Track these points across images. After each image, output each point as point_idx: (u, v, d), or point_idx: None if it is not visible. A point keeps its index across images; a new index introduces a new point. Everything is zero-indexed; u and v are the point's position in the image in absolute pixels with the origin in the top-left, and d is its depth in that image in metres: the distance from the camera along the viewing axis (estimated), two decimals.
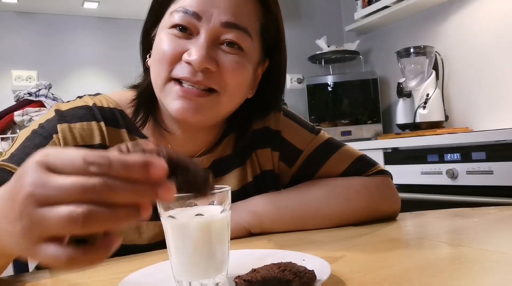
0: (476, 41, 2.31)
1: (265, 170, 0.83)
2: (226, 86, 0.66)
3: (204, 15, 0.65)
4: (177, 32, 0.66)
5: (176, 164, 0.36)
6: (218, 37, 0.66)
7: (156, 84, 0.68)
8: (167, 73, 0.66)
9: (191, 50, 0.64)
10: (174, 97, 0.65)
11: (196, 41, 0.65)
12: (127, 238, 0.70)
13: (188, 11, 0.65)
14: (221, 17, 0.65)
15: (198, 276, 0.44)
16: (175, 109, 0.65)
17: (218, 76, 0.66)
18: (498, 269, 0.47)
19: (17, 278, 0.65)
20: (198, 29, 0.65)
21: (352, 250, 0.59)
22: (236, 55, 0.67)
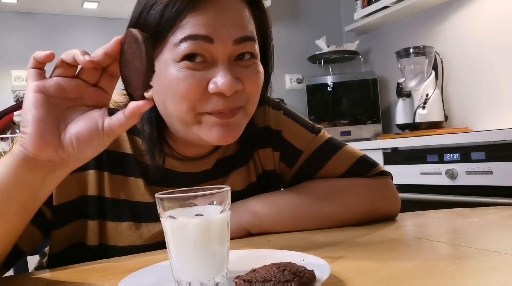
0: (475, 41, 2.31)
1: (267, 170, 0.83)
2: (249, 98, 0.66)
3: (215, 37, 0.60)
4: (191, 64, 0.60)
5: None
6: (232, 55, 0.63)
7: (184, 120, 0.63)
8: (195, 109, 0.62)
9: (214, 79, 0.60)
10: (211, 126, 0.63)
11: (216, 68, 0.61)
12: (127, 238, 0.70)
13: (198, 36, 0.59)
14: (232, 34, 0.61)
15: (198, 276, 0.44)
16: (216, 137, 0.64)
17: (242, 92, 0.64)
18: (497, 269, 0.47)
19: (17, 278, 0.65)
20: (211, 53, 0.61)
21: (352, 250, 0.59)
22: (253, 64, 0.65)
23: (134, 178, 0.71)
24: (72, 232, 0.69)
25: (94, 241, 0.69)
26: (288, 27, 3.04)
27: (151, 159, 0.70)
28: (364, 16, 2.78)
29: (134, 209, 0.71)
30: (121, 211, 0.70)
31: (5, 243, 0.56)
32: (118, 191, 0.70)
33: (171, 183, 0.73)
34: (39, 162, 0.50)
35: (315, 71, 3.04)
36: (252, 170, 0.81)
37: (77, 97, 0.52)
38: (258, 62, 0.67)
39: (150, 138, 0.69)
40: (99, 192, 0.69)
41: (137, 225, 0.71)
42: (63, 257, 0.69)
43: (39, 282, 0.57)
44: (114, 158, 0.70)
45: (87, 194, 0.69)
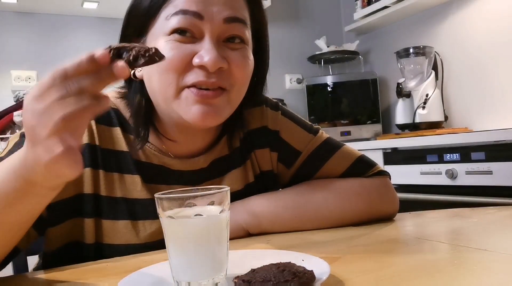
0: (475, 42, 2.31)
1: (264, 170, 0.83)
2: (235, 82, 0.66)
3: (205, 13, 0.63)
4: (180, 37, 0.63)
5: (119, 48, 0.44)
6: (222, 34, 0.65)
7: (165, 95, 0.65)
8: (178, 82, 0.63)
9: (200, 53, 0.62)
10: (190, 103, 0.64)
11: (203, 43, 0.63)
12: (123, 237, 0.70)
13: (188, 11, 0.62)
14: (222, 13, 0.64)
15: (197, 276, 0.44)
16: (193, 115, 0.64)
17: (228, 74, 0.65)
18: (497, 269, 0.47)
19: (17, 278, 0.65)
20: (201, 29, 0.63)
21: (351, 250, 0.59)
22: (242, 49, 0.66)
23: (131, 175, 0.71)
24: (68, 230, 0.69)
25: (91, 240, 0.69)
26: (288, 27, 3.04)
27: (135, 134, 0.70)
28: (364, 16, 2.78)
29: (131, 206, 0.71)
30: (117, 209, 0.70)
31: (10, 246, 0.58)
32: (115, 188, 0.70)
33: (168, 181, 0.73)
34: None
35: (315, 71, 3.04)
36: (249, 170, 0.81)
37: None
38: (249, 49, 0.68)
39: (137, 111, 0.70)
40: (95, 190, 0.69)
41: (134, 224, 0.71)
42: (59, 256, 0.69)
43: (38, 282, 0.57)
44: (109, 156, 0.70)
45: (83, 192, 0.69)
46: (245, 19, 0.67)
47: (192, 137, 0.75)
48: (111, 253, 0.68)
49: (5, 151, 0.66)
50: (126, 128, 0.73)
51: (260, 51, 0.75)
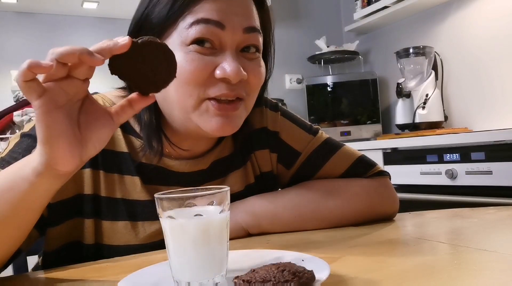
0: (475, 42, 2.31)
1: (264, 171, 0.83)
2: (250, 91, 0.67)
3: (227, 23, 0.62)
4: (200, 48, 0.62)
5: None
6: (240, 44, 0.65)
7: (184, 106, 0.64)
8: (199, 94, 0.63)
9: (222, 65, 0.62)
10: (211, 115, 0.64)
11: (224, 54, 0.63)
12: (122, 238, 0.70)
13: (210, 20, 0.61)
14: (242, 23, 0.63)
15: (197, 276, 0.44)
16: (213, 127, 0.64)
17: (245, 83, 0.65)
18: (497, 270, 0.47)
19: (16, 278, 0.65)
20: (221, 39, 0.63)
21: (351, 250, 0.59)
22: (257, 58, 0.67)
23: (130, 176, 0.71)
24: (68, 230, 0.69)
25: (90, 240, 0.69)
26: (288, 27, 3.04)
27: (148, 148, 0.70)
28: (364, 16, 2.78)
29: (130, 207, 0.71)
30: (117, 210, 0.70)
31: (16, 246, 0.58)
32: (114, 189, 0.70)
33: (168, 182, 0.73)
34: (65, 174, 0.50)
35: (315, 71, 3.04)
36: (249, 171, 0.81)
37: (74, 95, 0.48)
38: (261, 56, 0.69)
39: (149, 126, 0.70)
40: (94, 191, 0.69)
41: (133, 224, 0.71)
42: (59, 256, 0.69)
43: (38, 282, 0.57)
44: (109, 157, 0.70)
45: (83, 192, 0.69)
46: (259, 28, 0.67)
47: (198, 142, 0.75)
48: (111, 254, 0.68)
49: (5, 151, 0.66)
50: (126, 128, 0.73)
51: (265, 56, 0.75)
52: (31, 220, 0.56)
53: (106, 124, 0.51)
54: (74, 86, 0.47)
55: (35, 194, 0.51)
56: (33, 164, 0.49)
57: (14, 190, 0.51)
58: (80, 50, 0.44)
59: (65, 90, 0.46)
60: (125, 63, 0.50)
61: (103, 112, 0.52)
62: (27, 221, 0.56)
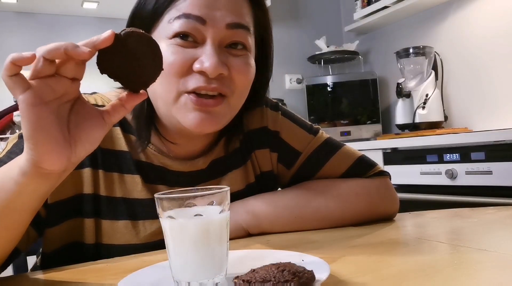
0: (475, 42, 2.31)
1: (264, 171, 0.83)
2: (235, 89, 0.66)
3: (208, 18, 0.62)
4: (181, 42, 0.63)
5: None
6: (224, 40, 0.64)
7: (165, 98, 0.65)
8: (178, 87, 0.63)
9: (201, 58, 0.62)
10: (189, 110, 0.63)
11: (204, 48, 0.63)
12: (123, 237, 0.70)
13: (190, 15, 0.62)
14: (225, 18, 0.63)
15: (197, 276, 0.44)
16: (192, 122, 0.64)
17: (229, 80, 0.65)
18: (496, 269, 0.47)
19: (16, 278, 0.65)
20: (203, 34, 0.63)
21: (351, 250, 0.59)
22: (244, 55, 0.66)
23: (131, 175, 0.71)
24: (67, 231, 0.69)
25: (91, 240, 0.69)
26: (288, 27, 3.04)
27: (137, 137, 0.70)
28: (364, 16, 2.78)
29: (131, 206, 0.71)
30: (117, 209, 0.70)
31: (11, 247, 0.57)
32: (115, 188, 0.70)
33: (168, 181, 0.73)
34: (53, 174, 0.49)
35: (315, 71, 3.04)
36: (250, 170, 0.81)
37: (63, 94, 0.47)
38: (251, 55, 0.68)
39: (139, 116, 0.70)
40: (94, 190, 0.69)
41: (134, 224, 0.71)
42: (58, 257, 0.69)
43: (38, 282, 0.57)
44: (109, 156, 0.70)
45: (82, 192, 0.69)
46: (249, 25, 0.67)
47: (192, 140, 0.75)
48: (111, 253, 0.68)
49: (4, 152, 0.66)
50: (126, 128, 0.73)
51: (264, 57, 0.75)
52: (21, 222, 0.55)
53: (97, 124, 0.50)
54: (62, 85, 0.46)
55: (22, 194, 0.50)
56: (20, 163, 0.48)
57: (1, 190, 0.50)
58: (65, 44, 0.44)
59: (52, 87, 0.45)
60: (112, 60, 0.49)
61: (94, 113, 0.50)
62: (17, 222, 0.54)
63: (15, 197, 0.50)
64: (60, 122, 0.47)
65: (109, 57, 0.49)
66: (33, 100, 0.44)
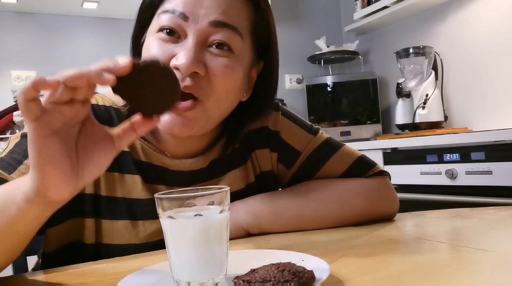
0: (475, 42, 2.31)
1: (264, 171, 0.83)
2: (212, 91, 0.63)
3: (191, 15, 0.62)
4: (164, 36, 0.63)
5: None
6: (207, 38, 0.63)
7: None
8: None
9: (178, 54, 0.61)
10: None
11: (184, 44, 0.62)
12: (123, 237, 0.70)
13: (175, 11, 0.62)
14: (209, 16, 0.62)
15: (197, 276, 0.44)
16: (164, 125, 0.63)
17: (206, 81, 0.62)
18: (496, 269, 0.47)
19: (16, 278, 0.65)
20: (185, 30, 0.62)
21: (351, 250, 0.59)
22: (226, 57, 0.63)
23: (131, 175, 0.71)
24: (67, 231, 0.69)
25: (91, 240, 0.69)
26: (288, 27, 3.04)
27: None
28: (364, 16, 2.79)
29: (130, 206, 0.71)
30: (118, 209, 0.70)
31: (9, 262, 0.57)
32: (115, 188, 0.70)
33: (168, 181, 0.73)
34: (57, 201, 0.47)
35: (315, 71, 3.03)
36: (250, 170, 0.81)
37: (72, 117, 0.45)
38: (237, 59, 0.65)
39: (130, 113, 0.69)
40: (95, 190, 0.69)
41: (133, 224, 0.71)
42: (58, 256, 0.69)
43: (38, 283, 0.57)
44: None
45: (83, 192, 0.69)
46: (238, 26, 0.64)
47: (185, 140, 0.73)
48: (111, 253, 0.68)
49: (5, 151, 0.66)
50: None
51: (268, 67, 0.74)
52: (21, 244, 0.55)
53: (106, 149, 0.48)
54: (73, 109, 0.44)
55: (24, 220, 0.49)
56: (24, 189, 0.46)
57: (3, 213, 0.49)
58: (88, 73, 0.41)
59: (63, 113, 0.43)
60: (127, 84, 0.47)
61: (104, 136, 0.48)
62: (17, 244, 0.54)
63: (17, 221, 0.49)
64: (68, 148, 0.45)
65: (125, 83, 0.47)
66: (44, 130, 0.42)
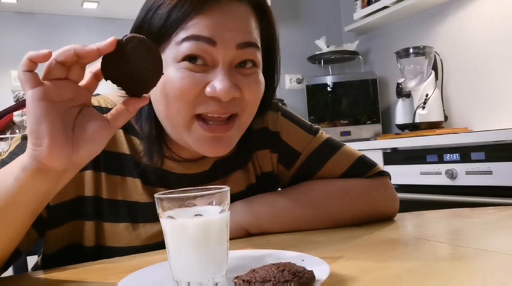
0: (475, 42, 2.32)
1: (265, 171, 0.82)
2: (246, 107, 0.65)
3: (218, 39, 0.60)
4: (191, 65, 0.60)
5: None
6: (234, 60, 0.63)
7: (174, 123, 0.64)
8: (189, 111, 0.61)
9: (213, 83, 0.60)
10: (201, 137, 0.63)
11: (215, 71, 0.61)
12: (124, 239, 0.70)
13: (200, 37, 0.59)
14: (235, 39, 0.61)
15: (197, 276, 0.44)
16: (205, 149, 0.64)
17: (240, 100, 0.63)
18: (497, 269, 0.47)
19: (17, 278, 0.65)
20: (213, 56, 0.61)
21: (351, 250, 0.59)
22: (254, 74, 0.65)
23: (132, 178, 0.71)
24: (68, 233, 0.69)
25: (91, 242, 0.69)
26: (288, 27, 3.04)
27: (149, 159, 0.69)
28: (364, 16, 2.79)
29: (131, 209, 0.71)
30: (118, 211, 0.70)
31: (12, 247, 0.57)
32: (115, 191, 0.70)
33: (169, 184, 0.73)
34: (52, 172, 0.49)
35: (315, 71, 3.04)
36: (251, 171, 0.81)
37: (70, 98, 0.49)
38: (259, 71, 0.67)
39: (149, 137, 0.69)
40: (96, 193, 0.69)
41: (134, 226, 0.71)
42: (59, 258, 0.69)
43: (38, 283, 0.57)
44: (111, 159, 0.70)
45: (84, 194, 0.69)
46: (257, 41, 0.65)
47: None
48: (112, 256, 0.67)
49: (6, 153, 0.66)
50: (128, 129, 0.72)
51: (270, 68, 0.74)
52: (22, 221, 0.54)
53: (101, 126, 0.50)
54: (70, 88, 0.49)
55: (22, 191, 0.50)
56: (21, 159, 0.50)
57: (2, 186, 0.51)
58: (74, 46, 0.47)
59: (60, 90, 0.48)
60: (115, 66, 0.51)
61: (100, 117, 0.51)
62: (18, 221, 0.54)
63: (15, 193, 0.50)
64: (64, 122, 0.48)
65: (112, 63, 0.51)
66: (40, 95, 0.46)
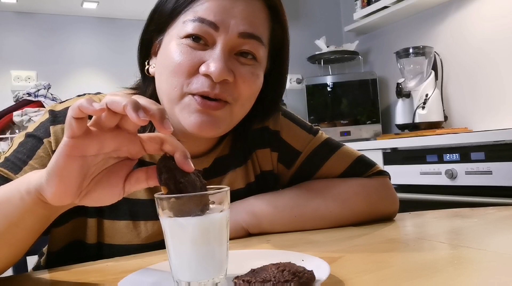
0: (475, 42, 2.32)
1: (265, 170, 0.83)
2: (239, 97, 0.66)
3: (222, 25, 0.63)
4: (192, 43, 0.63)
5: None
6: (234, 47, 0.64)
7: (169, 96, 0.65)
8: (183, 86, 0.63)
9: (208, 62, 0.62)
10: (191, 111, 0.63)
11: (213, 52, 0.63)
12: (124, 237, 0.70)
13: (205, 20, 0.63)
14: (238, 27, 0.63)
15: (197, 276, 0.44)
16: (192, 124, 0.64)
17: (233, 87, 0.64)
18: (497, 269, 0.47)
19: (16, 278, 0.65)
20: (214, 39, 0.63)
21: (351, 250, 0.59)
22: (252, 65, 0.66)
23: None
24: (71, 230, 0.69)
25: (93, 239, 0.69)
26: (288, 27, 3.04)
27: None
28: (363, 16, 2.79)
29: (132, 206, 0.71)
30: (119, 209, 0.70)
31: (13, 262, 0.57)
32: None
33: None
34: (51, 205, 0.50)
35: (315, 71, 3.04)
36: (250, 170, 0.81)
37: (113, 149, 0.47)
38: (259, 67, 0.68)
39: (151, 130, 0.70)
40: None
41: (135, 224, 0.71)
42: (62, 256, 0.70)
43: (39, 283, 0.57)
44: None
45: None
46: (262, 36, 0.67)
47: (196, 140, 0.74)
48: (112, 253, 0.68)
49: (10, 150, 0.66)
50: None
51: (278, 71, 0.74)
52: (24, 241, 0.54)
53: (114, 192, 0.49)
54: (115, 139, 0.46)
55: (23, 210, 0.50)
56: (30, 180, 0.49)
57: (8, 202, 0.51)
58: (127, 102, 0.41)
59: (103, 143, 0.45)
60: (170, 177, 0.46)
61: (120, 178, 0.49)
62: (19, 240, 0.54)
63: (18, 212, 0.51)
64: (86, 174, 0.46)
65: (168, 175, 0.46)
66: (74, 151, 0.44)
